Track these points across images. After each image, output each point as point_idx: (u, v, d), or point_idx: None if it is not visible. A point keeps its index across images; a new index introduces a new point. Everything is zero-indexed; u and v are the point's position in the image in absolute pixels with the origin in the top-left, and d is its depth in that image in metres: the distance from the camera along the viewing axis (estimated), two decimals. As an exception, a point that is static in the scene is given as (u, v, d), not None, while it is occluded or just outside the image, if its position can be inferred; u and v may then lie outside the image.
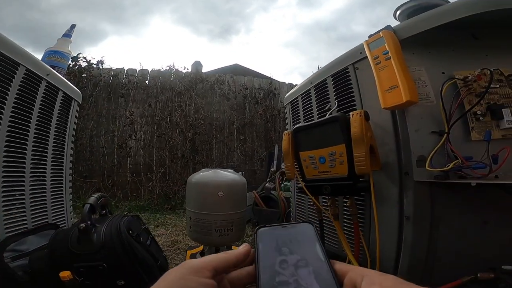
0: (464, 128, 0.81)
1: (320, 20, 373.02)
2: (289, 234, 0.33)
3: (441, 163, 0.76)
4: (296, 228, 0.34)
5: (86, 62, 3.57)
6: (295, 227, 0.34)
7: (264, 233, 0.33)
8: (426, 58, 0.87)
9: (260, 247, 0.31)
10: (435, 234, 0.80)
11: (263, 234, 0.33)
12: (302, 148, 0.97)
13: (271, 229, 0.34)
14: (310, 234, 0.32)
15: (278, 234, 0.33)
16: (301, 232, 0.33)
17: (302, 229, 0.33)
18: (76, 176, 3.21)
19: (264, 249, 0.31)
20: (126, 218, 1.03)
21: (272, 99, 4.27)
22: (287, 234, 0.33)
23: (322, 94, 1.20)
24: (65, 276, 0.85)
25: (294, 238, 0.32)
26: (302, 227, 0.33)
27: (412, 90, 0.76)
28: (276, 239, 0.32)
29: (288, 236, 0.32)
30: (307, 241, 0.31)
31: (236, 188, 1.47)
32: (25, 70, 1.01)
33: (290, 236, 0.32)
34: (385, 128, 0.89)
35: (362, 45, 0.94)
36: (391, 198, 0.86)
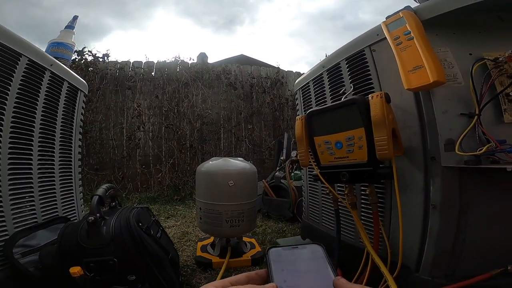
0: (496, 110, 0.75)
1: (325, 8, 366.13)
2: (300, 255, 0.34)
3: (471, 147, 0.70)
4: (307, 249, 0.35)
5: (92, 56, 3.55)
6: (305, 248, 0.35)
7: (276, 254, 0.34)
8: (451, 39, 0.82)
9: (274, 268, 0.32)
10: (463, 223, 0.75)
11: (275, 255, 0.34)
12: (317, 133, 0.92)
13: (282, 250, 0.35)
14: (321, 255, 0.34)
15: (290, 255, 0.34)
16: (311, 253, 0.34)
17: (312, 250, 0.34)
18: (87, 169, 3.23)
19: (277, 270, 0.32)
20: (135, 210, 1.00)
21: (279, 87, 4.20)
22: (299, 255, 0.34)
23: (335, 78, 1.14)
24: (76, 272, 0.82)
25: (305, 259, 0.34)
26: (312, 248, 0.35)
27: (439, 70, 0.70)
28: (288, 260, 0.33)
29: (300, 257, 0.34)
30: (319, 262, 0.33)
31: (247, 176, 1.43)
32: (27, 61, 0.99)
33: (301, 257, 0.34)
34: (407, 110, 0.83)
35: (379, 27, 0.90)
36: (416, 185, 0.81)
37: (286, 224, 2.15)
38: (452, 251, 0.78)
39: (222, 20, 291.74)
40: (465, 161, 0.69)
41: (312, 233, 1.39)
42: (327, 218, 1.26)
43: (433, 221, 0.77)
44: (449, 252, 0.78)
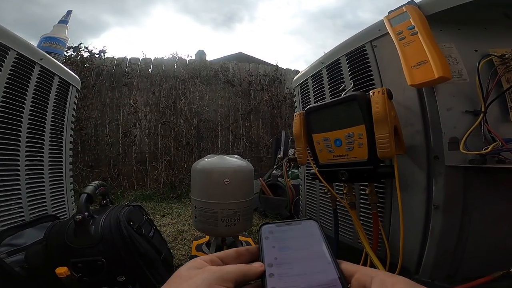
0: (502, 108, 0.73)
1: (325, 7, 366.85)
2: (293, 231, 0.32)
3: (476, 146, 0.67)
4: (301, 225, 0.33)
5: (88, 52, 3.50)
6: (300, 224, 0.33)
7: (268, 231, 0.32)
8: (455, 35, 0.80)
9: (265, 245, 0.30)
10: (466, 224, 0.73)
11: (267, 231, 0.32)
12: (315, 130, 0.89)
13: (275, 226, 0.33)
14: (315, 231, 0.31)
15: (283, 231, 0.32)
16: (306, 229, 0.32)
17: (307, 226, 0.32)
18: (82, 166, 3.19)
19: (268, 247, 0.30)
20: (126, 208, 0.97)
21: (278, 85, 4.16)
22: (292, 231, 0.32)
23: (335, 74, 1.11)
24: (62, 273, 0.79)
25: (299, 235, 0.31)
26: (307, 224, 0.33)
27: (444, 66, 0.68)
28: (280, 237, 0.31)
29: (293, 234, 0.31)
30: (313, 239, 0.31)
31: (243, 174, 1.40)
32: (16, 54, 0.96)
33: (294, 233, 0.32)
34: (410, 107, 0.80)
35: (381, 22, 0.87)
36: (417, 185, 0.78)
37: (283, 223, 2.12)
38: (454, 252, 0.75)
39: (222, 17, 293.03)
40: (469, 160, 0.67)
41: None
42: (325, 218, 1.23)
43: (435, 221, 0.75)
44: (451, 254, 0.76)
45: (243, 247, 0.32)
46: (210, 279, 0.25)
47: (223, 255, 0.30)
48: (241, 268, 0.28)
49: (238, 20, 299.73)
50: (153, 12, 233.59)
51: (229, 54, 6.42)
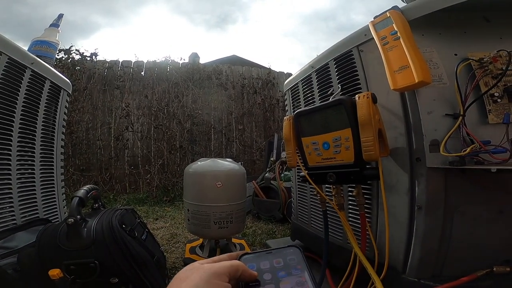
0: (480, 110, 0.76)
1: (318, 9, 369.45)
2: (274, 259, 0.31)
3: (456, 148, 0.70)
4: (282, 253, 0.32)
5: (79, 55, 3.48)
6: (281, 252, 0.32)
7: (248, 261, 0.31)
8: (436, 39, 0.82)
9: None
10: (448, 224, 0.75)
11: (247, 261, 0.31)
12: (304, 133, 0.91)
13: (255, 256, 0.32)
14: (298, 259, 0.31)
15: (263, 260, 0.31)
16: (287, 257, 0.32)
17: (288, 254, 0.32)
18: (73, 170, 3.16)
19: None
20: (119, 211, 0.98)
21: (270, 88, 4.20)
22: (272, 259, 0.31)
23: (324, 79, 1.14)
24: (55, 275, 0.80)
25: (280, 263, 0.31)
26: (288, 252, 0.32)
27: (424, 70, 0.70)
28: (260, 266, 0.31)
29: (273, 262, 0.31)
30: (295, 267, 0.30)
31: (235, 178, 1.41)
32: (7, 59, 0.96)
33: (275, 261, 0.31)
34: (393, 111, 0.83)
35: (367, 27, 0.89)
36: (401, 186, 0.81)
37: (276, 225, 2.14)
38: (438, 252, 0.77)
39: (215, 19, 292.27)
40: (449, 162, 0.70)
41: (301, 234, 1.39)
42: (315, 219, 1.25)
43: (419, 222, 0.77)
44: (435, 253, 0.78)
45: (235, 253, 0.33)
46: (206, 275, 0.27)
47: (217, 259, 0.32)
48: (233, 264, 0.30)
49: (231, 21, 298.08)
50: (144, 13, 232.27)
51: (223, 57, 6.44)
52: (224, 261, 0.30)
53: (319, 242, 1.08)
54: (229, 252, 1.23)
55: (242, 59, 6.23)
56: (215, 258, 0.33)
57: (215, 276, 0.28)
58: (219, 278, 0.28)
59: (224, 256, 0.33)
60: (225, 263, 0.30)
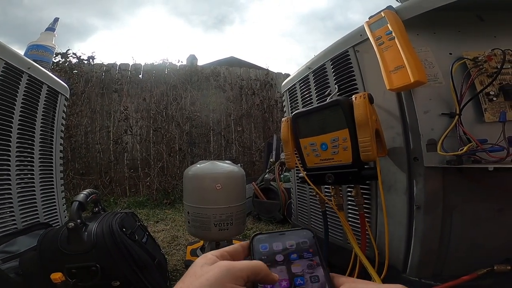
0: (476, 109, 0.76)
1: (316, 8, 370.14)
2: (287, 241, 0.31)
3: (453, 147, 0.70)
4: (295, 234, 0.32)
5: (76, 58, 3.48)
6: (294, 233, 0.32)
7: (260, 241, 0.31)
8: (431, 39, 0.83)
9: (256, 254, 0.30)
10: (448, 223, 0.75)
11: (260, 242, 0.31)
12: (302, 134, 0.92)
13: (268, 236, 0.32)
14: (310, 242, 0.31)
15: (276, 241, 0.31)
16: (300, 240, 0.31)
17: (301, 237, 0.32)
18: (73, 174, 3.16)
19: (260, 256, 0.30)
20: (119, 215, 0.98)
21: (269, 89, 4.20)
22: (285, 241, 0.31)
23: (321, 79, 1.14)
24: (57, 278, 0.80)
25: (292, 245, 0.31)
26: (301, 234, 0.32)
27: (420, 70, 0.71)
28: (273, 247, 0.31)
29: (286, 244, 0.31)
30: (307, 250, 0.30)
31: (235, 180, 1.42)
32: (4, 64, 0.96)
33: (288, 243, 0.31)
34: (390, 111, 0.84)
35: (362, 28, 0.90)
36: (400, 186, 0.81)
37: (276, 226, 2.14)
38: (438, 251, 0.78)
39: (212, 20, 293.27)
40: (447, 161, 0.70)
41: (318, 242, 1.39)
42: (315, 220, 1.26)
43: (418, 221, 0.77)
44: (435, 252, 0.78)
45: (246, 242, 0.32)
46: (223, 276, 0.25)
47: (231, 250, 0.31)
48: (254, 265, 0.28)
49: (228, 22, 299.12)
50: (141, 14, 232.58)
51: (221, 58, 6.44)
52: (244, 263, 0.28)
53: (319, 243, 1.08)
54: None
55: (240, 61, 6.24)
56: (229, 248, 0.31)
57: (232, 279, 0.26)
58: (236, 281, 0.26)
59: (237, 246, 0.31)
60: (245, 265, 0.27)
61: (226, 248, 0.31)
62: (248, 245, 0.32)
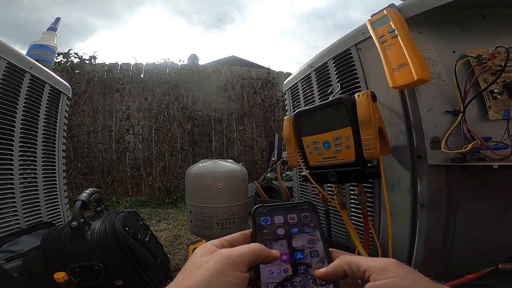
0: (480, 107, 0.76)
1: (316, 7, 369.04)
2: (288, 214, 0.32)
3: (457, 145, 0.70)
4: (296, 208, 0.32)
5: (78, 58, 3.49)
6: (295, 208, 0.32)
7: (261, 214, 0.32)
8: (434, 37, 0.82)
9: (258, 228, 0.30)
10: (452, 222, 0.75)
11: (261, 215, 0.32)
12: (304, 133, 0.91)
13: (270, 209, 0.32)
14: (311, 216, 0.31)
15: (277, 214, 0.32)
16: (301, 213, 0.32)
17: (302, 211, 0.32)
18: (75, 174, 3.17)
19: (261, 230, 0.30)
20: (122, 214, 0.98)
21: (270, 88, 4.20)
22: (286, 214, 0.32)
23: (323, 78, 1.14)
24: (60, 278, 0.81)
25: (293, 219, 0.31)
26: (302, 208, 0.32)
27: (423, 68, 0.70)
28: (274, 221, 0.31)
29: (287, 217, 0.31)
30: (307, 225, 0.31)
31: (236, 178, 1.41)
32: (6, 64, 0.96)
33: (289, 216, 0.31)
34: (393, 109, 0.83)
35: (364, 26, 0.89)
36: (403, 184, 0.81)
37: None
38: (442, 250, 0.77)
39: (212, 19, 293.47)
40: (451, 159, 0.69)
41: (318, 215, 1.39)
42: (317, 218, 1.25)
43: (422, 220, 0.77)
44: (439, 251, 0.78)
45: (248, 231, 0.31)
46: (223, 264, 0.25)
47: (230, 239, 0.30)
48: (254, 248, 0.27)
49: (229, 21, 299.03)
50: (141, 14, 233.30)
51: (222, 57, 6.44)
52: (244, 247, 0.27)
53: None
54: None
55: (241, 60, 6.23)
56: (229, 237, 0.30)
57: (232, 266, 0.25)
58: (237, 268, 0.25)
59: (237, 235, 0.31)
60: (245, 250, 0.27)
61: (226, 237, 0.30)
62: (248, 233, 0.31)
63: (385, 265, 0.24)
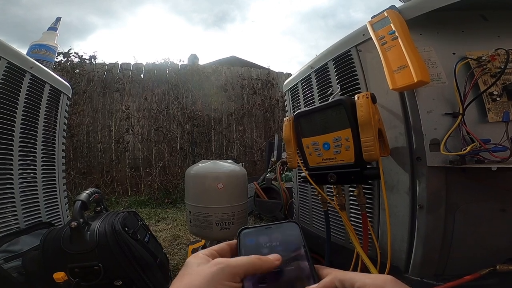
0: (480, 109, 0.76)
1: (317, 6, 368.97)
2: (273, 234, 0.32)
3: (456, 147, 0.70)
4: (281, 228, 0.33)
5: (78, 58, 3.49)
6: (280, 227, 0.33)
7: (247, 235, 0.32)
8: (434, 38, 0.82)
9: (243, 251, 0.31)
10: (450, 223, 0.75)
11: (247, 236, 0.32)
12: (304, 134, 0.92)
13: (255, 230, 0.33)
14: (295, 233, 0.32)
15: (262, 235, 0.32)
16: (285, 232, 0.32)
17: (286, 229, 0.33)
18: (74, 173, 3.17)
19: (246, 252, 0.30)
20: (121, 214, 0.98)
21: (270, 89, 4.20)
22: (271, 234, 0.32)
23: (323, 79, 1.14)
24: (59, 278, 0.81)
25: (278, 239, 0.32)
26: (286, 227, 0.33)
27: (423, 70, 0.71)
28: (259, 241, 0.31)
29: (272, 237, 0.32)
30: (291, 242, 0.31)
31: (236, 179, 1.42)
32: (6, 63, 0.96)
33: (274, 236, 0.32)
34: (393, 110, 0.83)
35: (365, 27, 0.89)
36: (402, 186, 0.81)
37: (277, 225, 2.14)
38: (440, 251, 0.78)
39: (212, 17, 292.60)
40: (450, 161, 0.70)
41: (303, 234, 1.39)
42: (317, 220, 1.26)
43: (420, 221, 0.77)
44: (437, 252, 0.78)
45: (233, 241, 0.32)
46: (220, 274, 0.25)
47: (218, 248, 0.31)
48: (251, 261, 0.27)
49: (229, 20, 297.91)
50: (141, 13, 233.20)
51: (222, 58, 6.45)
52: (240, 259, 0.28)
53: (321, 242, 1.08)
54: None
55: (241, 60, 6.24)
56: (215, 247, 0.31)
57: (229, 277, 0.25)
58: (232, 278, 0.25)
59: (223, 245, 0.31)
60: (242, 261, 0.27)
61: (213, 247, 0.31)
62: (234, 244, 0.32)
63: (381, 282, 0.24)
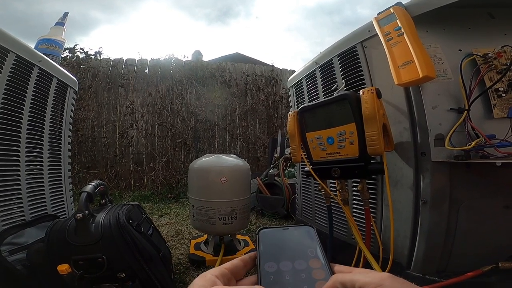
0: (485, 105, 0.76)
1: (323, 2, 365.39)
2: (290, 236, 0.33)
3: (461, 142, 0.70)
4: (298, 230, 0.34)
5: (83, 53, 3.50)
6: (297, 229, 0.34)
7: (266, 235, 0.33)
8: (441, 35, 0.82)
9: (262, 249, 0.32)
10: (454, 219, 0.75)
11: (265, 235, 0.33)
12: (308, 128, 0.92)
13: (273, 231, 0.34)
14: (311, 237, 0.33)
15: (280, 236, 0.33)
16: (302, 234, 0.33)
17: (303, 232, 0.34)
18: (79, 168, 3.19)
19: (265, 251, 0.31)
20: (126, 207, 0.99)
21: (274, 85, 4.19)
22: (289, 236, 0.33)
23: (328, 74, 1.14)
24: (64, 270, 0.81)
25: (295, 240, 0.33)
26: (303, 230, 0.34)
27: (429, 65, 0.70)
28: (278, 241, 0.32)
29: (290, 239, 0.33)
30: (308, 244, 0.32)
31: (240, 173, 1.42)
32: (15, 57, 0.97)
33: (291, 238, 0.33)
34: (398, 106, 0.83)
35: (370, 23, 0.90)
36: (406, 181, 0.81)
37: (280, 221, 2.15)
38: (443, 247, 0.78)
39: (216, 12, 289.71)
40: (454, 156, 0.70)
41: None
42: (320, 215, 1.26)
43: (424, 216, 0.77)
44: (440, 248, 0.78)
45: (246, 256, 0.32)
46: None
47: (230, 266, 0.30)
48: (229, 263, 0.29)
49: (233, 15, 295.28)
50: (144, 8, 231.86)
51: (226, 54, 6.45)
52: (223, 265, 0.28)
53: (324, 238, 1.08)
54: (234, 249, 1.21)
55: (245, 57, 6.23)
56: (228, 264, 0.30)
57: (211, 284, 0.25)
58: None
59: (237, 262, 0.31)
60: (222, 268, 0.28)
61: (226, 265, 0.30)
62: (248, 259, 0.31)
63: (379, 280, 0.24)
